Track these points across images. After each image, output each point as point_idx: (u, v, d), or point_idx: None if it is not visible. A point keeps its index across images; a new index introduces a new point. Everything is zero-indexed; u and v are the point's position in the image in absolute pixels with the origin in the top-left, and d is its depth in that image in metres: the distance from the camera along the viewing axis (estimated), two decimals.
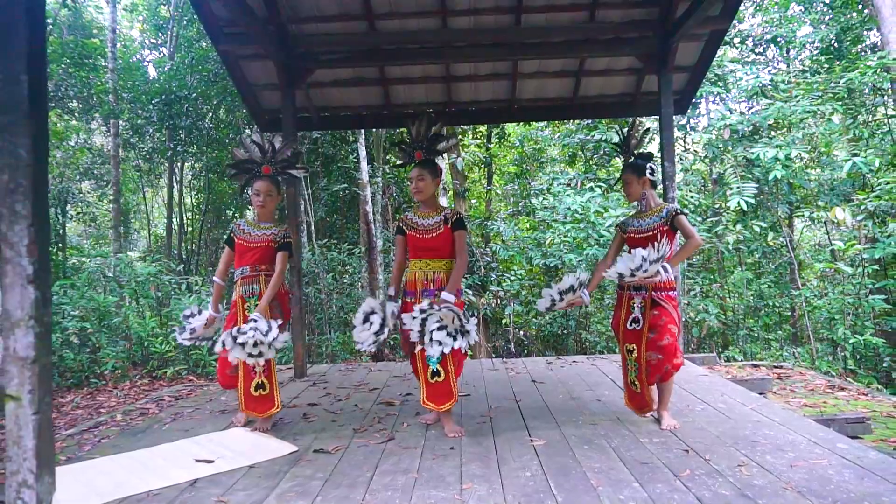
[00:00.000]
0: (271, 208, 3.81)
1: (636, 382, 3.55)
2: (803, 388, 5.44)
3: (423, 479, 2.79)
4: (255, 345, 3.44)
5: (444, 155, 10.50)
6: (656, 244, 3.24)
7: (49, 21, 12.70)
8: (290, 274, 5.63)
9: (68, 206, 14.29)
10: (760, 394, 4.71)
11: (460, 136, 12.28)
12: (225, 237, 3.87)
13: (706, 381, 4.61)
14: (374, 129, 10.73)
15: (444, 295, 3.43)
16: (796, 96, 8.04)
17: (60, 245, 13.55)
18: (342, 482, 2.80)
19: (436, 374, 3.44)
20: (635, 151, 3.68)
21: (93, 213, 16.49)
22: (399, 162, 3.78)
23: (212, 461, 3.14)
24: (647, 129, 3.97)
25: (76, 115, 13.58)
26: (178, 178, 14.86)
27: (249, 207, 13.02)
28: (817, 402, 4.90)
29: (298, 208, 10.78)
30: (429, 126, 3.61)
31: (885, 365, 6.55)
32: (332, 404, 4.38)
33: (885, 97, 8.81)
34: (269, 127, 6.53)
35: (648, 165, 3.55)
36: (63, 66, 12.00)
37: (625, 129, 3.78)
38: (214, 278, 3.85)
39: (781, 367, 6.36)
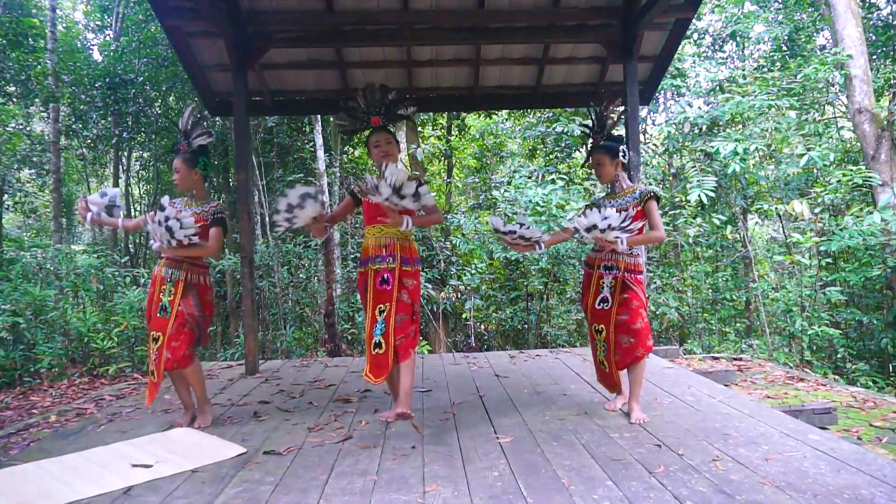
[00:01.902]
0: (186, 185, 3.60)
1: (605, 362, 3.54)
2: (763, 379, 5.44)
3: (382, 482, 2.59)
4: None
5: (405, 144, 10.27)
6: (627, 217, 3.22)
7: None
8: (241, 266, 5.35)
9: (5, 196, 13.48)
10: (725, 385, 4.67)
11: (420, 128, 12.07)
12: (158, 205, 3.61)
13: (672, 374, 4.54)
14: (331, 117, 10.42)
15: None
16: (753, 91, 8.11)
17: None
18: (294, 486, 2.57)
19: (378, 345, 3.22)
20: (610, 132, 3.59)
21: (32, 203, 15.62)
22: (347, 128, 3.51)
23: (150, 465, 2.86)
24: (624, 110, 3.90)
25: (13, 99, 12.79)
26: (125, 168, 14.17)
27: None
28: (779, 392, 4.89)
29: (252, 198, 10.40)
30: (384, 94, 3.38)
31: (838, 355, 6.66)
32: (285, 402, 4.13)
33: (838, 94, 8.99)
34: (219, 111, 6.20)
35: (621, 147, 3.47)
36: None
37: (598, 109, 3.65)
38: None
39: (741, 359, 6.38)
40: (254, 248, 9.18)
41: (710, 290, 8.70)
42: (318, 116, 8.97)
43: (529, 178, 9.37)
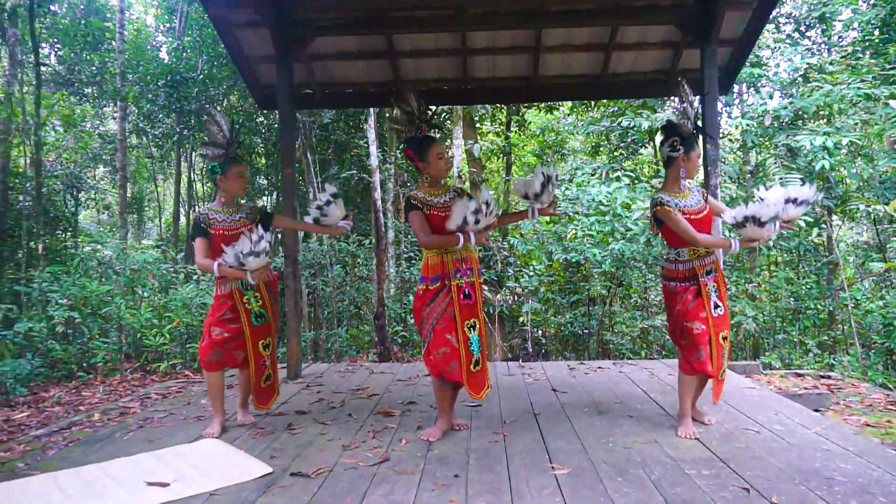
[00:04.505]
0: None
1: (726, 370, 3.27)
2: (860, 402, 4.79)
3: None
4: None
5: (461, 140, 9.93)
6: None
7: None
8: (284, 265, 5.14)
9: (81, 193, 13.97)
10: (816, 410, 4.09)
11: (478, 124, 11.70)
12: (194, 228, 3.45)
13: (755, 396, 4.00)
14: (388, 113, 10.19)
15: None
16: (845, 80, 7.32)
17: (72, 232, 13.22)
18: None
19: (477, 362, 3.25)
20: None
21: (103, 199, 16.18)
22: (403, 132, 3.48)
23: (167, 484, 2.62)
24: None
25: (90, 100, 13.21)
26: (189, 165, 14.43)
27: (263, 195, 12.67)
28: (880, 420, 4.26)
29: (304, 193, 10.30)
30: (419, 100, 3.34)
31: None
32: (322, 413, 3.85)
33: None
34: (268, 104, 6.03)
35: None
36: (76, 49, 11.62)
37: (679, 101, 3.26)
38: (216, 264, 3.31)
39: (829, 377, 5.71)
40: (302, 246, 9.07)
41: (793, 299, 7.94)
42: (372, 111, 8.74)
43: (592, 175, 8.86)
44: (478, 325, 3.26)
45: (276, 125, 10.66)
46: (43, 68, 12.07)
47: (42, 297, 6.94)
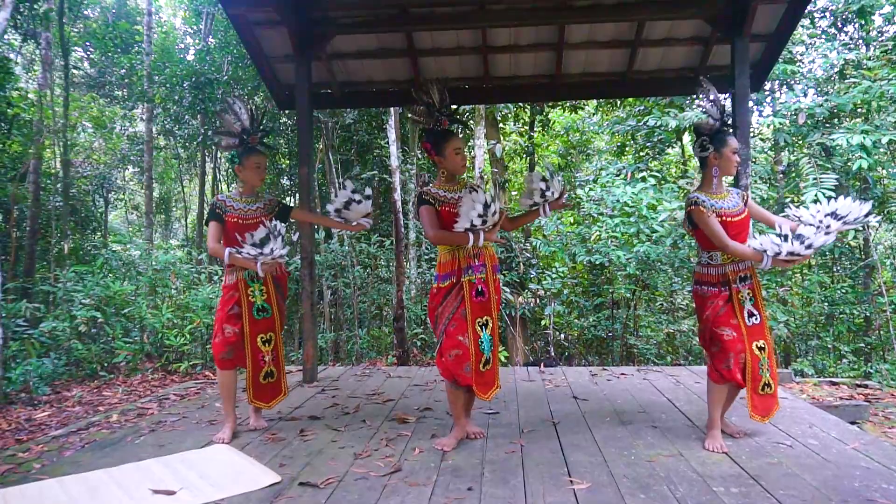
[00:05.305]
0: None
1: (771, 383, 3.06)
2: None
3: None
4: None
5: (483, 140, 9.80)
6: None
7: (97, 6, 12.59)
8: (301, 266, 5.08)
9: (110, 194, 14.19)
10: (852, 423, 3.89)
11: (501, 123, 11.56)
12: (209, 212, 3.38)
13: (787, 407, 3.80)
14: (409, 114, 10.12)
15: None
16: (885, 76, 7.01)
17: (102, 232, 13.43)
18: None
19: (487, 361, 3.14)
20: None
21: (132, 199, 16.43)
22: (423, 124, 3.34)
23: (173, 492, 2.56)
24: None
25: (120, 102, 13.40)
26: (215, 166, 14.55)
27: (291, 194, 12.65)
28: None
29: (315, 193, 10.27)
30: (443, 92, 3.21)
31: None
32: (336, 418, 3.77)
33: None
34: (288, 104, 5.98)
35: None
36: (107, 52, 11.80)
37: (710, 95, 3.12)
38: (227, 251, 3.25)
39: (866, 386, 5.46)
40: (323, 247, 9.04)
41: (826, 303, 7.65)
42: (392, 110, 8.67)
43: (617, 176, 8.65)
44: (490, 324, 3.14)
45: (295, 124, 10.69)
46: (75, 71, 12.30)
47: (67, 296, 7.00)
